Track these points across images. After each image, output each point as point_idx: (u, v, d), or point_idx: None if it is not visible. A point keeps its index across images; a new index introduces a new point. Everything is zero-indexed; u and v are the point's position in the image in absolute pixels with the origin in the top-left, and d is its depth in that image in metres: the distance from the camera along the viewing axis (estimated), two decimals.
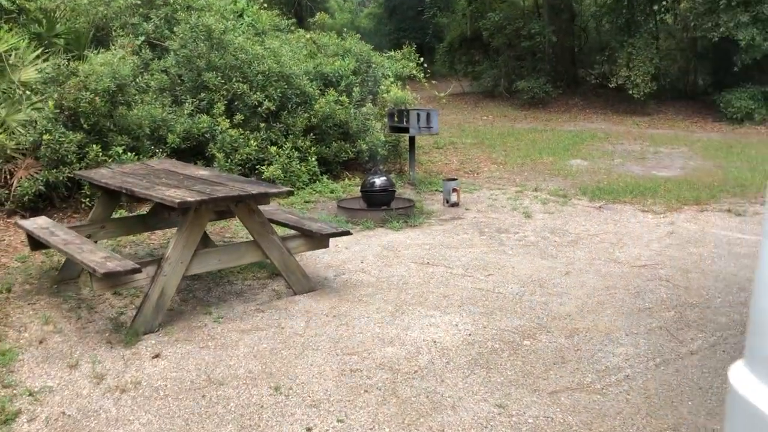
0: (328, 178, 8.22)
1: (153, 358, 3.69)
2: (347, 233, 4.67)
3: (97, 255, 3.89)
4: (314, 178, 8.10)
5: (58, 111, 6.86)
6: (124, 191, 4.48)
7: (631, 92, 14.57)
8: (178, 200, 3.89)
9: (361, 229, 6.40)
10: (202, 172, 4.98)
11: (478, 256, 5.49)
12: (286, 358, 3.66)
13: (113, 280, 3.76)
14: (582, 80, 18.15)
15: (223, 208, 4.49)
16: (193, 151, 7.74)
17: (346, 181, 8.25)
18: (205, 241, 5.12)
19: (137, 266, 3.76)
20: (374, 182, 6.90)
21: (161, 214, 5.11)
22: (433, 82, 11.14)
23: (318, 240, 4.62)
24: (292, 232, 4.84)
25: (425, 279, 4.93)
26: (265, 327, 4.09)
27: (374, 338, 3.91)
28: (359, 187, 7.20)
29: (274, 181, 7.68)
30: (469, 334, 3.94)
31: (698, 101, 15.66)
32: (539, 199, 7.56)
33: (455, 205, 7.34)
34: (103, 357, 3.69)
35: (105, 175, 4.99)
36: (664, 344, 3.80)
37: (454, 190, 7.35)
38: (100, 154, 6.75)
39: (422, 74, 9.91)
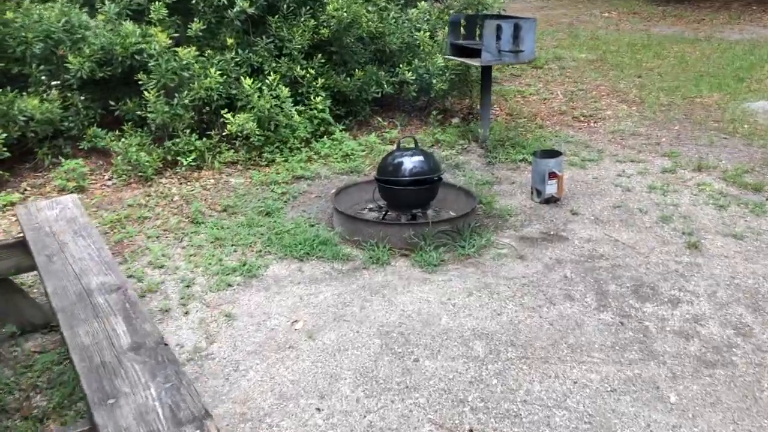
0: (343, 129, 5.04)
1: None
2: None
3: None
4: (322, 129, 4.95)
5: None
6: None
7: None
8: None
9: (364, 262, 3.33)
10: None
11: (606, 411, 2.33)
12: None
13: None
14: None
15: None
16: (122, 82, 4.73)
17: (373, 136, 5.03)
18: None
19: None
20: (401, 165, 3.70)
21: None
22: None
23: None
24: None
25: None
26: None
27: None
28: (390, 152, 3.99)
29: (248, 137, 4.61)
30: None
31: None
32: (709, 194, 4.14)
33: (552, 201, 4.07)
34: None
35: None
36: None
37: (553, 175, 4.04)
38: None
39: None
